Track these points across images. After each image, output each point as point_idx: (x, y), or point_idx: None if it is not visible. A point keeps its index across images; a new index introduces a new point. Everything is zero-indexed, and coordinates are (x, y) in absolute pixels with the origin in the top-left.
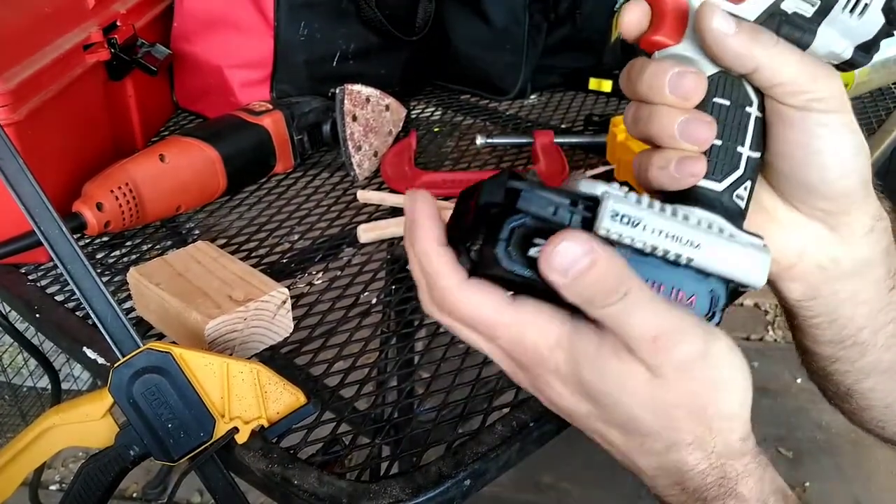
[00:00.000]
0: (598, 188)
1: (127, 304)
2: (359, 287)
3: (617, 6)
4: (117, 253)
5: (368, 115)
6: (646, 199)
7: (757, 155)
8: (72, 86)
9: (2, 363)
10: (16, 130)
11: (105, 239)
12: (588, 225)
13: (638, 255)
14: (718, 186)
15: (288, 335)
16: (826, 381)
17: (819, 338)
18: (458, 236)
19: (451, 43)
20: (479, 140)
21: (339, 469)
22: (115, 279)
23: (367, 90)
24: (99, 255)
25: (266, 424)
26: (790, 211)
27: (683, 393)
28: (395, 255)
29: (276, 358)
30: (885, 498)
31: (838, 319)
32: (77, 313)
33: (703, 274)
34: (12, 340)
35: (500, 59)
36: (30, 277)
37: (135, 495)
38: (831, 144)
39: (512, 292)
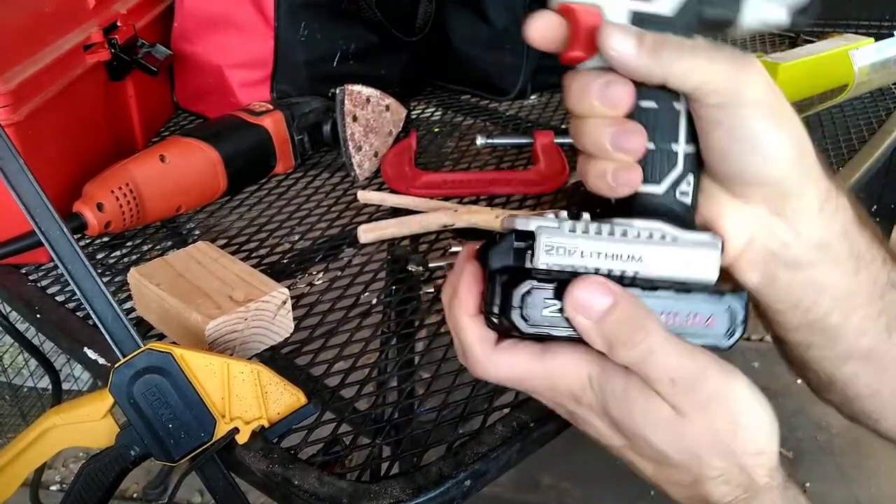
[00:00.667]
0: (532, 223)
1: (127, 305)
2: (359, 287)
3: None
4: (118, 253)
5: (369, 115)
6: (582, 223)
7: (692, 148)
8: (72, 86)
9: (2, 363)
10: (16, 131)
11: (105, 239)
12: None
13: (648, 291)
14: (659, 189)
15: (288, 335)
16: (806, 370)
17: (787, 325)
18: (483, 305)
19: (452, 43)
20: (480, 140)
21: (340, 469)
22: (116, 279)
23: (367, 90)
24: (99, 256)
25: (266, 425)
26: (731, 198)
27: (706, 431)
28: (395, 256)
29: (276, 358)
30: (886, 498)
31: (801, 304)
32: (77, 313)
33: (718, 293)
34: (13, 341)
35: (501, 59)
36: (30, 278)
37: (135, 496)
38: (750, 133)
39: (543, 342)
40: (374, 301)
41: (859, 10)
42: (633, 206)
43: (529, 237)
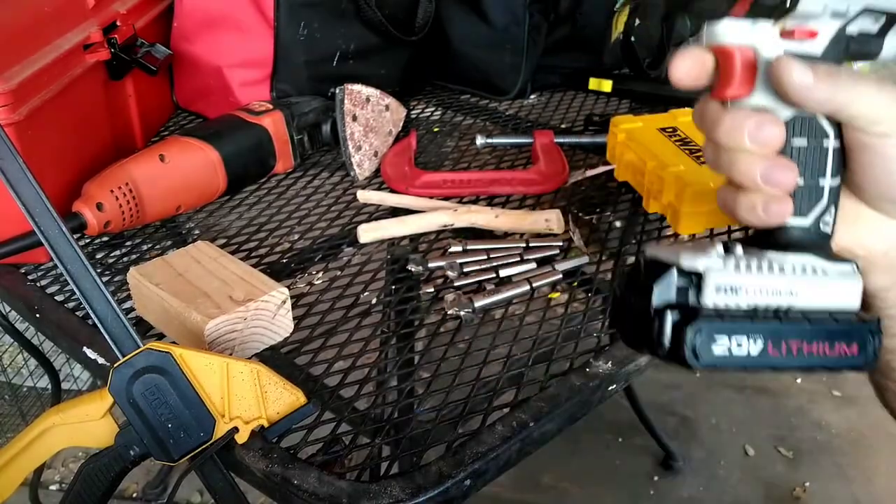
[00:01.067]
0: (699, 263)
1: (127, 304)
2: (359, 287)
3: (617, 6)
4: (117, 253)
5: (368, 114)
6: (742, 259)
7: (837, 181)
8: (72, 86)
9: (2, 363)
10: (16, 130)
11: (105, 239)
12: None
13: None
14: (806, 221)
15: (288, 335)
16: None
17: (891, 329)
18: (643, 339)
19: (451, 43)
20: (479, 140)
21: (339, 469)
22: (115, 279)
23: (367, 90)
24: (99, 255)
25: (266, 424)
26: (874, 212)
27: None
28: (395, 256)
29: (276, 358)
30: (886, 498)
31: None
32: (77, 313)
33: (860, 321)
34: (12, 340)
35: (500, 58)
36: (30, 277)
37: (135, 495)
38: (892, 163)
39: None
40: (374, 301)
41: None
42: (779, 237)
43: (694, 275)
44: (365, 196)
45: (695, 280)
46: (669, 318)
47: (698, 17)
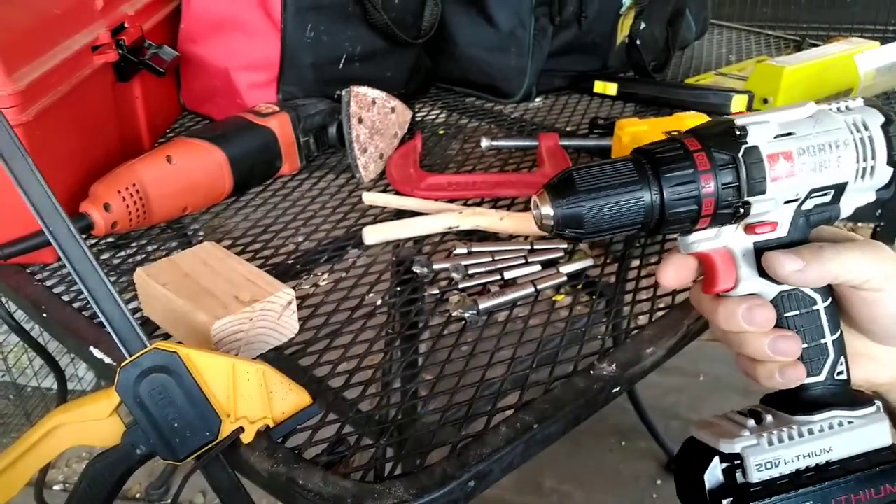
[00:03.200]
0: (737, 446)
1: (133, 304)
2: (364, 288)
3: (622, 9)
4: (123, 254)
5: (374, 117)
6: (774, 433)
7: (838, 333)
8: (80, 87)
9: (7, 363)
10: (25, 131)
11: (111, 240)
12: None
13: (843, 478)
14: (820, 377)
15: (293, 336)
16: None
17: None
18: None
19: (457, 46)
20: (484, 142)
21: (344, 469)
22: (121, 280)
23: (372, 92)
24: (105, 256)
25: (271, 424)
26: (877, 346)
27: None
28: (400, 258)
29: (281, 358)
30: None
31: None
32: (84, 313)
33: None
34: (18, 340)
35: (506, 62)
36: (36, 277)
37: (138, 496)
38: (891, 308)
39: None
40: (379, 302)
41: (865, 14)
42: (802, 396)
43: (736, 458)
44: (371, 198)
45: (737, 461)
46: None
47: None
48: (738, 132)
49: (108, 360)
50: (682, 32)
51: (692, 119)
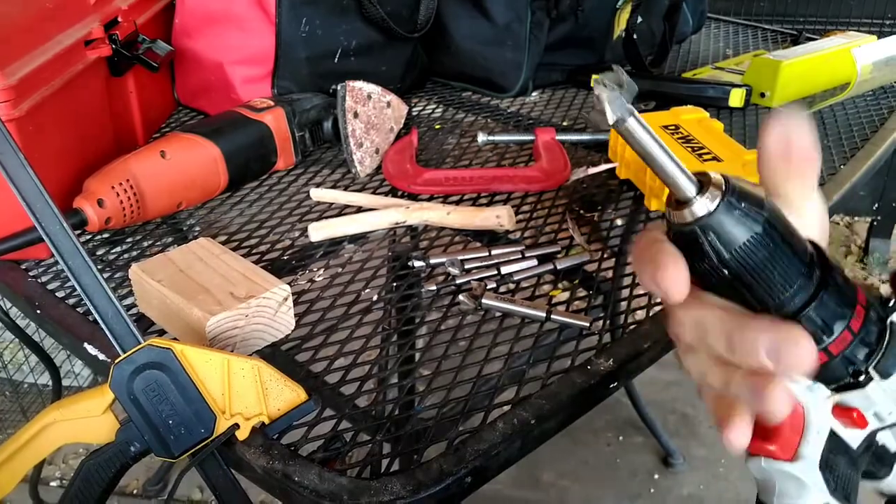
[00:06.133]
0: None
1: (128, 301)
2: (360, 284)
3: (619, 3)
4: (118, 249)
5: (370, 112)
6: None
7: None
8: (73, 81)
9: (2, 359)
10: (17, 126)
11: (105, 235)
12: None
13: None
14: None
15: (289, 332)
16: None
17: None
18: None
19: (453, 40)
20: (481, 137)
21: (340, 466)
22: (116, 276)
23: (368, 87)
24: (99, 252)
25: (267, 421)
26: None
27: None
28: (396, 253)
29: (276, 355)
30: None
31: None
32: (78, 309)
33: None
34: (13, 336)
35: (502, 56)
36: (30, 274)
37: (135, 492)
38: None
39: None
40: (375, 298)
41: (862, 8)
42: None
43: None
44: (318, 194)
45: None
46: None
47: None
48: None
49: (102, 356)
50: (678, 26)
51: (689, 113)
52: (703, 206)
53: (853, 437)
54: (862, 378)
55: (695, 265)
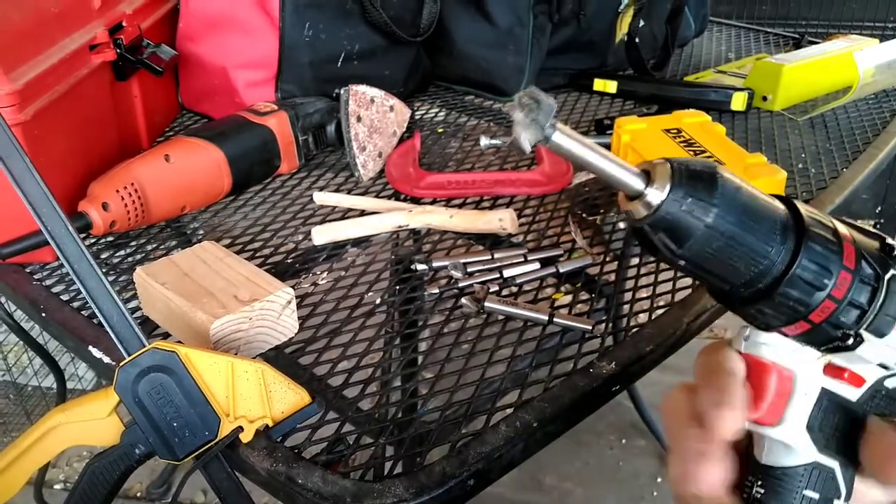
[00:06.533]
0: None
1: (132, 304)
2: (363, 287)
3: (621, 7)
4: (122, 253)
5: (373, 115)
6: None
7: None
8: (78, 86)
9: (7, 362)
10: (22, 130)
11: (110, 239)
12: None
13: None
14: None
15: (293, 335)
16: None
17: None
18: None
19: (456, 44)
20: (483, 141)
21: (343, 468)
22: (121, 279)
23: (371, 91)
24: (104, 255)
25: (270, 423)
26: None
27: None
28: (399, 256)
29: (280, 357)
30: None
31: None
32: (83, 312)
33: None
34: (18, 339)
35: (504, 60)
36: (35, 277)
37: (139, 495)
38: None
39: None
40: (378, 301)
41: (864, 12)
42: None
43: None
44: (321, 198)
45: None
46: None
47: None
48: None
49: (107, 359)
50: (681, 30)
51: (691, 117)
52: (654, 197)
53: (851, 393)
54: (851, 341)
55: (655, 255)
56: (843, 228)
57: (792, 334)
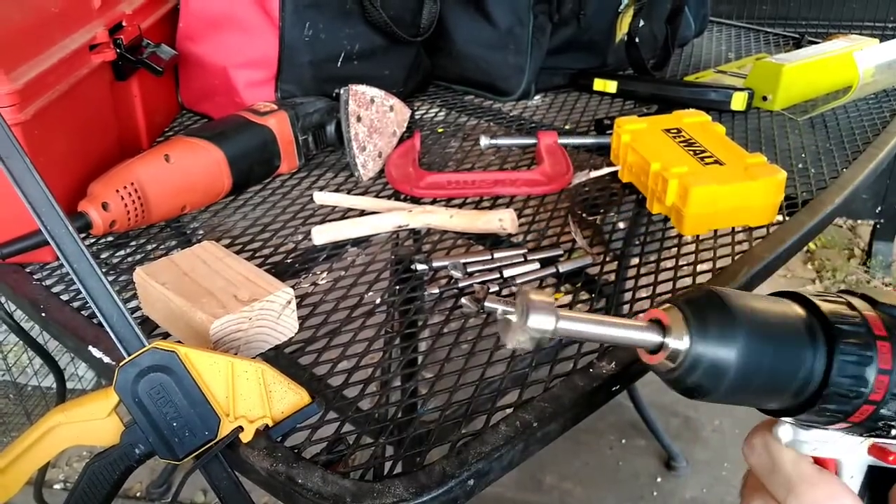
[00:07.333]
0: None
1: (132, 304)
2: (363, 287)
3: (621, 7)
4: (122, 253)
5: (373, 115)
6: None
7: None
8: (78, 86)
9: (7, 362)
10: (22, 130)
11: (110, 239)
12: None
13: None
14: None
15: (292, 335)
16: None
17: None
18: None
19: (456, 44)
20: (484, 141)
21: (343, 468)
22: (120, 279)
23: (371, 91)
24: (104, 255)
25: (270, 423)
26: None
27: None
28: (399, 256)
29: (280, 357)
30: None
31: None
32: (82, 312)
33: None
34: (17, 339)
35: (505, 60)
36: (35, 277)
37: (139, 495)
38: None
39: None
40: (378, 301)
41: (864, 12)
42: None
43: None
44: (321, 198)
45: None
46: None
47: None
48: None
49: (106, 359)
50: (681, 30)
51: (691, 117)
52: (677, 344)
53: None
54: (894, 431)
55: (695, 397)
56: (871, 312)
57: (833, 429)
